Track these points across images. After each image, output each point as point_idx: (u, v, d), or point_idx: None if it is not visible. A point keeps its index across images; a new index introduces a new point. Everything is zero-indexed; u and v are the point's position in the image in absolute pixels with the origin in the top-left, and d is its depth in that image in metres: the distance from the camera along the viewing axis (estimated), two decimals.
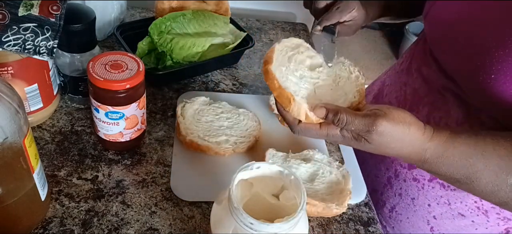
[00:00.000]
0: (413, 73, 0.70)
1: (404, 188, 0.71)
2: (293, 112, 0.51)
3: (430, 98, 0.66)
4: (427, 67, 0.67)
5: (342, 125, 0.48)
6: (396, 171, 0.72)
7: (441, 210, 0.66)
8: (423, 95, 0.67)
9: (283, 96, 0.51)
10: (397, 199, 0.73)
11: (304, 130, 0.52)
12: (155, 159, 0.65)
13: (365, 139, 0.48)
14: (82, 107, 0.71)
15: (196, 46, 0.80)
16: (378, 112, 0.48)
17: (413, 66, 0.71)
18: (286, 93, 0.51)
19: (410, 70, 0.71)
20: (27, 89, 0.61)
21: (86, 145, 0.65)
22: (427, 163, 0.50)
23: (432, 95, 0.65)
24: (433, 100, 0.65)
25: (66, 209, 0.56)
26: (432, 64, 0.66)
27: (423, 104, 0.67)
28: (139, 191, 0.60)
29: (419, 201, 0.69)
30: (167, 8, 0.83)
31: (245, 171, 0.45)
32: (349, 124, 0.48)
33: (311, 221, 0.61)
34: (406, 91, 0.71)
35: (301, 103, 0.51)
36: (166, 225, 0.56)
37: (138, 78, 0.58)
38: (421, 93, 0.67)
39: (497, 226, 0.63)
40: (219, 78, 0.85)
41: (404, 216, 0.72)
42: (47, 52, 0.59)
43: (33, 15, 0.57)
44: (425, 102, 0.66)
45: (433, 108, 0.65)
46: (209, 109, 0.72)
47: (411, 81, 0.70)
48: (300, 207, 0.42)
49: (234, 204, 0.40)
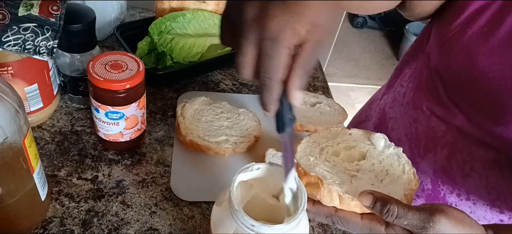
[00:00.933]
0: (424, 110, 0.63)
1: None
2: (324, 199, 0.45)
3: (448, 139, 0.59)
4: (440, 108, 0.60)
5: (392, 218, 0.41)
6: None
7: None
8: (441, 135, 0.60)
9: (311, 183, 0.45)
10: None
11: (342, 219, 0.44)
12: (155, 159, 0.65)
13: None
14: (82, 107, 0.71)
15: (196, 46, 0.80)
16: (435, 208, 0.41)
17: (423, 103, 0.64)
18: (314, 177, 0.45)
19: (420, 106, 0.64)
20: (27, 89, 0.61)
21: (86, 145, 0.65)
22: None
23: (451, 135, 0.59)
24: (452, 141, 0.59)
25: (66, 209, 0.56)
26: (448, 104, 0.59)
27: (442, 146, 0.60)
28: (139, 191, 0.60)
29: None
30: (167, 8, 0.83)
31: (245, 173, 0.45)
32: (401, 218, 0.41)
33: (311, 221, 0.61)
34: (417, 128, 0.64)
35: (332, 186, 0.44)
36: (166, 225, 0.56)
37: (138, 78, 0.58)
38: (438, 133, 0.61)
39: None
40: (219, 78, 0.85)
41: None
42: (47, 52, 0.59)
43: (33, 15, 0.57)
44: (443, 143, 0.60)
45: (454, 150, 0.59)
46: (209, 109, 0.72)
47: (423, 118, 0.63)
48: (301, 208, 0.42)
49: (235, 206, 0.40)
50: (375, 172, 0.49)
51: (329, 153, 0.51)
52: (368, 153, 0.51)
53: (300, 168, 0.48)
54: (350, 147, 0.52)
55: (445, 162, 0.59)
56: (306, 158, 0.49)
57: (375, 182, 0.48)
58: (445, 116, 0.60)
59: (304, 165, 0.48)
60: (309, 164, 0.48)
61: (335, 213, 0.45)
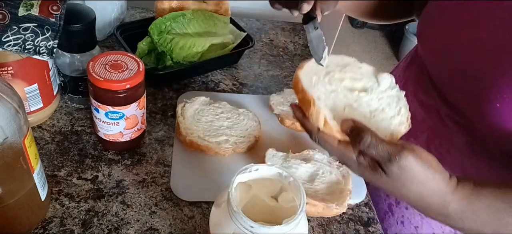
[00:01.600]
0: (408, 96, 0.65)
1: (407, 216, 0.67)
2: (312, 117, 0.47)
3: (428, 123, 0.62)
4: (424, 94, 0.64)
5: (364, 146, 0.43)
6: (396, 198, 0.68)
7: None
8: (421, 120, 0.63)
9: (305, 99, 0.47)
10: (399, 226, 0.68)
11: (322, 139, 0.47)
12: (155, 159, 0.65)
13: (383, 170, 0.43)
14: (82, 107, 0.71)
15: (196, 46, 0.80)
16: (406, 145, 0.43)
17: (409, 88, 0.66)
18: (309, 96, 0.47)
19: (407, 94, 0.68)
20: (27, 89, 0.61)
21: (86, 145, 0.65)
22: (450, 217, 0.45)
23: (431, 120, 0.62)
24: (431, 125, 0.62)
25: (66, 209, 0.56)
26: (430, 89, 0.62)
27: (422, 130, 0.63)
28: (139, 191, 0.60)
29: (423, 229, 0.65)
30: (167, 8, 0.83)
31: (243, 174, 0.45)
32: (371, 148, 0.43)
33: (311, 221, 0.61)
34: None
35: (321, 109, 0.46)
36: (166, 225, 0.56)
37: (138, 78, 0.58)
38: (419, 118, 0.63)
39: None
40: (219, 78, 0.85)
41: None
42: (47, 52, 0.59)
43: (33, 15, 0.57)
44: (423, 128, 0.63)
45: (432, 134, 0.62)
46: (209, 109, 0.72)
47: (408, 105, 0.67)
48: (300, 209, 0.42)
49: (234, 207, 0.40)
50: (371, 107, 0.50)
51: (334, 78, 0.51)
52: (370, 88, 0.51)
53: (300, 84, 0.48)
54: (356, 78, 0.52)
55: (424, 145, 0.61)
56: (310, 75, 0.50)
57: (367, 116, 0.49)
58: (427, 100, 0.62)
59: (305, 82, 0.48)
60: (311, 82, 0.49)
61: (316, 133, 0.47)
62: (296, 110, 0.49)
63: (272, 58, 0.95)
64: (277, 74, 0.90)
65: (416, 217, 0.66)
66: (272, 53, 0.96)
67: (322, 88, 0.50)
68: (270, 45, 0.99)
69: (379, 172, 0.44)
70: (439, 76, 0.60)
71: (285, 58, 0.96)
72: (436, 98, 0.61)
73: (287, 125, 0.72)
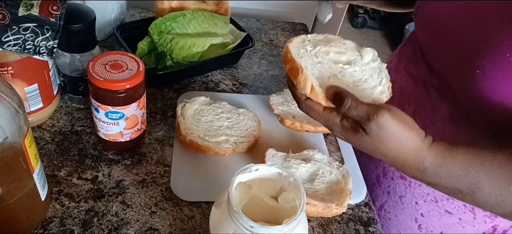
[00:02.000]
0: (401, 71, 0.71)
1: (392, 186, 0.71)
2: (300, 85, 0.50)
3: (415, 96, 0.66)
4: (414, 66, 0.67)
5: (345, 108, 0.47)
6: (384, 169, 0.72)
7: (428, 207, 0.67)
8: (410, 92, 0.67)
9: (293, 68, 0.50)
10: (385, 197, 0.73)
11: (308, 107, 0.50)
12: (155, 159, 0.65)
13: (363, 130, 0.47)
14: (82, 107, 0.71)
15: (196, 46, 0.80)
16: (383, 106, 0.47)
17: (402, 64, 0.71)
18: (297, 65, 0.50)
19: (399, 68, 0.72)
20: (27, 89, 0.61)
21: (86, 145, 0.65)
22: (426, 173, 0.48)
23: (418, 92, 0.65)
24: (419, 97, 0.65)
25: (66, 209, 0.56)
26: (421, 63, 0.66)
27: (409, 102, 0.67)
28: (139, 191, 0.60)
29: (407, 199, 0.69)
30: (167, 8, 0.83)
31: (243, 174, 0.45)
32: (352, 109, 0.46)
33: (311, 221, 0.61)
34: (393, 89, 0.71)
35: (308, 76, 0.49)
36: (166, 225, 0.57)
37: (138, 78, 0.58)
38: (408, 91, 0.67)
39: (484, 223, 0.63)
40: (219, 78, 0.85)
41: (393, 214, 0.72)
42: (47, 52, 0.59)
43: (33, 15, 0.57)
44: (411, 100, 0.66)
45: (418, 106, 0.65)
46: (209, 109, 0.72)
47: (399, 79, 0.70)
48: (300, 209, 0.42)
49: (234, 207, 0.40)
50: (354, 78, 0.53)
51: (320, 51, 0.55)
52: (354, 61, 0.55)
53: (289, 54, 0.52)
54: (341, 52, 0.56)
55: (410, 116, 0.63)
56: (299, 47, 0.54)
57: (351, 85, 0.52)
58: (416, 72, 0.66)
59: (294, 52, 0.52)
60: (299, 53, 0.53)
61: (304, 101, 0.50)
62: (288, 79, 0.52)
63: (272, 58, 0.95)
64: (277, 74, 0.90)
65: (400, 187, 0.69)
66: (272, 53, 0.96)
67: (309, 60, 0.53)
68: (270, 45, 0.99)
69: (360, 132, 0.47)
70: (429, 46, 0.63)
71: None
72: (425, 70, 0.64)
73: (287, 125, 0.72)
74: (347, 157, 0.73)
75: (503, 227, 0.63)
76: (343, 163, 0.71)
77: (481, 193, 0.48)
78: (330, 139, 0.76)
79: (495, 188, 0.47)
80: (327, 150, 0.73)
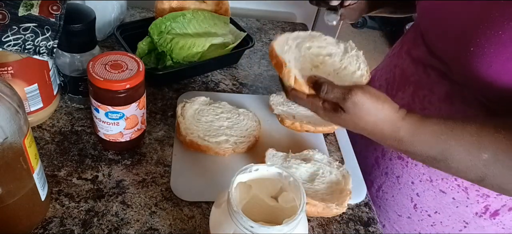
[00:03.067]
0: (403, 55, 0.73)
1: (390, 167, 0.73)
2: (284, 77, 0.54)
3: (415, 77, 0.68)
4: (415, 49, 0.69)
5: (323, 93, 0.51)
6: (383, 150, 0.74)
7: (424, 187, 0.68)
8: (410, 74, 0.69)
9: (278, 62, 0.55)
10: (383, 178, 0.75)
11: (294, 96, 0.55)
12: (155, 159, 0.65)
13: (342, 109, 0.51)
14: (82, 107, 0.71)
15: (196, 46, 0.80)
16: (356, 85, 0.51)
17: (404, 49, 0.73)
18: (281, 59, 0.55)
19: (401, 53, 0.74)
20: (27, 89, 0.61)
21: (86, 145, 0.65)
22: (402, 142, 0.51)
23: (418, 74, 0.67)
24: (418, 79, 0.67)
25: (66, 209, 0.56)
26: (421, 45, 0.68)
27: (409, 84, 0.69)
28: (139, 191, 0.60)
29: (404, 179, 0.71)
30: (167, 8, 0.83)
31: (243, 174, 0.45)
32: (329, 92, 0.51)
33: (311, 221, 0.61)
34: (394, 73, 0.74)
35: (291, 69, 0.54)
36: (166, 225, 0.56)
37: (138, 78, 0.58)
38: (408, 73, 0.70)
39: (477, 203, 0.65)
40: (219, 78, 0.85)
41: (390, 195, 0.74)
42: (47, 52, 0.59)
43: (33, 15, 0.57)
44: (411, 81, 0.68)
45: (417, 87, 0.67)
46: (209, 109, 0.72)
47: (400, 62, 0.73)
48: (300, 209, 0.42)
49: (234, 207, 0.40)
50: (334, 66, 0.60)
51: (303, 47, 0.60)
52: (334, 53, 0.62)
53: (274, 51, 0.56)
54: (321, 46, 0.62)
55: (410, 98, 0.68)
56: (283, 44, 0.58)
57: (332, 73, 0.59)
58: (416, 54, 0.69)
59: (278, 49, 0.57)
60: (283, 49, 0.58)
61: (290, 91, 0.55)
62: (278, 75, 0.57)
63: None
64: (277, 74, 0.90)
65: (397, 167, 0.71)
66: None
67: (293, 54, 0.58)
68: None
69: (339, 111, 0.51)
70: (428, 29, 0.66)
71: None
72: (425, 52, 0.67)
73: (287, 125, 0.72)
74: (347, 157, 0.73)
75: (495, 207, 0.64)
76: (343, 163, 0.71)
77: (453, 159, 0.51)
78: (330, 139, 0.76)
79: (465, 154, 0.50)
80: (327, 150, 0.73)
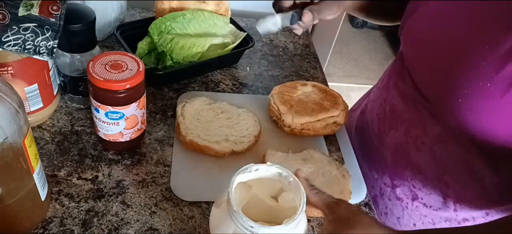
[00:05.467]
0: (391, 89, 0.70)
1: (390, 207, 0.71)
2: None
3: (406, 115, 0.66)
4: (403, 83, 0.67)
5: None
6: (381, 189, 0.72)
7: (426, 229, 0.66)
8: (400, 111, 0.67)
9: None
10: (383, 218, 0.73)
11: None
12: (155, 159, 0.65)
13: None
14: (82, 107, 0.71)
15: (196, 46, 0.80)
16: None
17: (391, 82, 0.71)
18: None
19: (389, 86, 0.72)
20: (27, 89, 0.61)
21: (86, 145, 0.65)
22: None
23: (409, 112, 0.65)
24: (409, 117, 0.65)
25: (66, 209, 0.56)
26: (408, 80, 0.65)
27: (401, 122, 0.67)
28: (139, 191, 0.60)
29: (404, 220, 0.69)
30: (167, 8, 0.83)
31: (243, 174, 0.45)
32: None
33: (311, 221, 0.61)
34: (385, 108, 0.71)
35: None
36: (166, 225, 0.57)
37: (138, 78, 0.58)
38: (399, 110, 0.67)
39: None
40: (219, 78, 0.85)
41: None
42: (47, 52, 0.59)
43: (33, 15, 0.57)
44: (402, 119, 0.66)
45: (410, 126, 0.65)
46: (209, 109, 0.72)
47: (390, 98, 0.70)
48: (300, 209, 0.42)
49: (234, 207, 0.40)
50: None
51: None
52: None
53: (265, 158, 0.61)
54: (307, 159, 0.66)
55: (403, 137, 0.66)
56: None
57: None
58: (404, 89, 0.66)
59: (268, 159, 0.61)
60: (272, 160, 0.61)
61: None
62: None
63: (272, 58, 0.95)
64: (277, 74, 0.90)
65: (397, 209, 0.69)
66: (272, 53, 0.96)
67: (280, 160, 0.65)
68: (270, 45, 0.99)
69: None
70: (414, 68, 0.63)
71: (285, 58, 0.96)
72: (413, 88, 0.64)
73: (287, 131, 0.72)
74: (347, 157, 0.73)
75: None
76: (343, 163, 0.71)
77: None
78: (330, 139, 0.76)
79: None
80: (327, 150, 0.73)
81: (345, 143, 0.75)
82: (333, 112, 0.72)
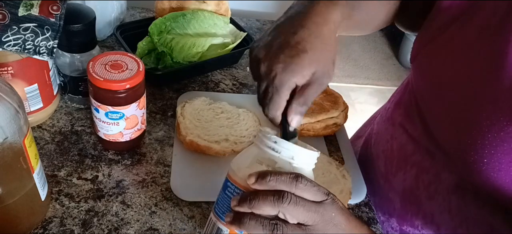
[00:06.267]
0: (397, 127, 0.64)
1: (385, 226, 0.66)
2: None
3: (417, 158, 0.59)
4: (412, 126, 0.60)
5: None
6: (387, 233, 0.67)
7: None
8: (410, 153, 0.60)
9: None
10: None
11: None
12: (155, 159, 0.65)
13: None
14: (82, 107, 0.71)
15: (196, 46, 0.80)
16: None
17: (397, 119, 0.64)
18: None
19: (394, 121, 0.65)
20: (27, 89, 0.61)
21: (86, 145, 0.65)
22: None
23: (420, 154, 0.58)
24: (420, 160, 0.58)
25: (66, 209, 0.56)
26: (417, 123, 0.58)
27: (411, 164, 0.60)
28: (139, 191, 0.60)
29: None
30: (167, 8, 0.83)
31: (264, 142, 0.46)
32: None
33: None
34: (392, 145, 0.65)
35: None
36: (166, 225, 0.57)
37: (138, 78, 0.58)
38: (408, 151, 0.60)
39: None
40: (219, 78, 0.85)
41: None
42: (47, 52, 0.59)
43: (33, 15, 0.57)
44: (412, 162, 0.60)
45: (421, 171, 0.59)
46: (209, 109, 0.72)
47: (398, 135, 0.63)
48: None
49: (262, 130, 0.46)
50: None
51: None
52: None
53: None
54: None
55: (413, 181, 0.60)
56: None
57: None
58: (414, 134, 0.60)
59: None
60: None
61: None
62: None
63: None
64: None
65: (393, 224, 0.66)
66: None
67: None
68: None
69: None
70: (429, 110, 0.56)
71: None
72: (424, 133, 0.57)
73: None
74: (347, 157, 0.73)
75: None
76: (343, 163, 0.71)
77: None
78: (330, 139, 0.76)
79: None
80: (327, 150, 0.73)
81: (345, 143, 0.75)
82: (333, 113, 0.72)
